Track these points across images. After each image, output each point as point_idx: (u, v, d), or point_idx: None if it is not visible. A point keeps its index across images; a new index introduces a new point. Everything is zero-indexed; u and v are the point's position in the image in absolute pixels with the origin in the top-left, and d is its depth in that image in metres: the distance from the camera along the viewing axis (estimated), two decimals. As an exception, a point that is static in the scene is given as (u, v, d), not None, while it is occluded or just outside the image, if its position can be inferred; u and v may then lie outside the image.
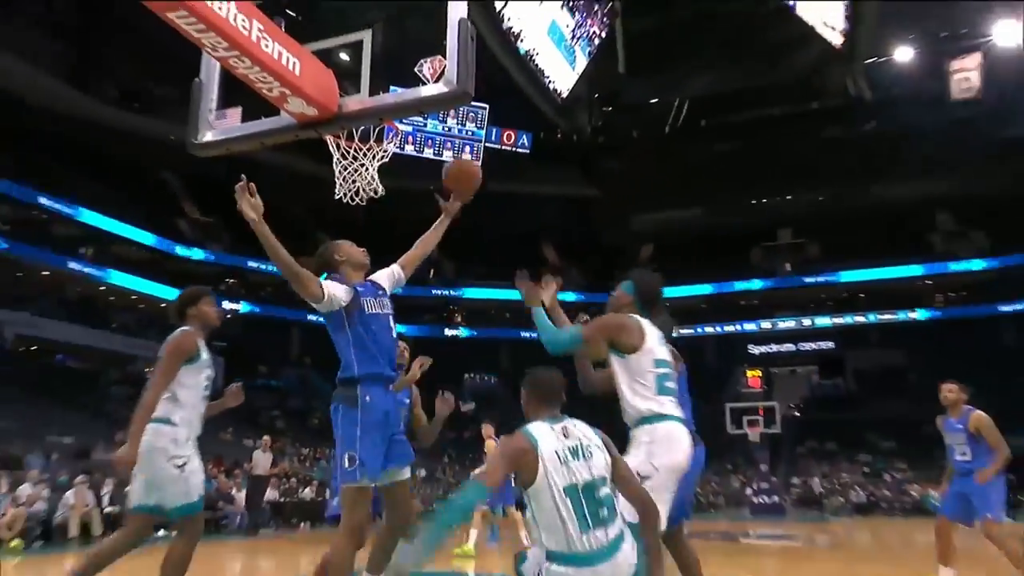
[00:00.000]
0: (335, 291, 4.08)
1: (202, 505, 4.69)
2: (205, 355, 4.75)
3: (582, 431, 3.29)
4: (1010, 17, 32.10)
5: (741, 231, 42.67)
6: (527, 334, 35.99)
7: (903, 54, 35.31)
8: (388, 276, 4.49)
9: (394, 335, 4.33)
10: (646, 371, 3.95)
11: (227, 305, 37.36)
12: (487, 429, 10.98)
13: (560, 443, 3.18)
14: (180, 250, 35.98)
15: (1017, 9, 31.65)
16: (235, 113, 4.64)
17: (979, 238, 39.40)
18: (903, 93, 36.11)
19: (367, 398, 4.03)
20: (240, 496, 18.57)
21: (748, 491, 30.81)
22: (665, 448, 3.85)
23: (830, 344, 42.07)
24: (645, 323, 3.98)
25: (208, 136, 4.63)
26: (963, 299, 39.93)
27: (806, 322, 42.38)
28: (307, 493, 22.20)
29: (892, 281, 40.52)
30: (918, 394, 31.25)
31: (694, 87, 36.95)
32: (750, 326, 43.29)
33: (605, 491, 3.16)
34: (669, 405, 3.97)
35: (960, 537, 6.82)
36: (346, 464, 3.94)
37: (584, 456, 3.18)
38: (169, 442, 4.44)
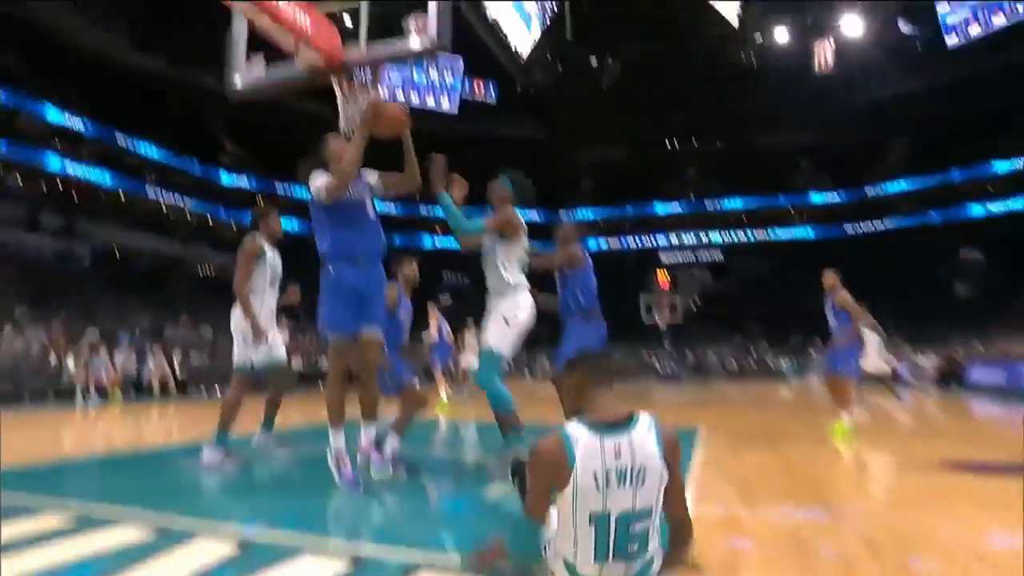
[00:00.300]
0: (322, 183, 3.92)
1: (285, 363, 5.13)
2: (270, 254, 4.98)
3: (642, 448, 1.96)
4: (853, 12, 32.56)
5: (658, 168, 42.72)
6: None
7: (781, 35, 35.09)
8: (372, 175, 4.17)
9: (369, 219, 4.04)
10: (518, 255, 4.12)
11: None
12: (432, 312, 10.51)
13: (604, 463, 1.92)
14: (223, 177, 34.84)
15: (857, 7, 32.28)
16: (259, 62, 4.35)
17: (829, 178, 39.76)
18: (780, 66, 35.89)
19: (331, 271, 3.92)
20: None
21: (655, 363, 31.77)
22: (524, 309, 4.07)
23: (720, 255, 42.76)
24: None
25: (241, 82, 4.34)
26: (814, 224, 40.48)
27: (703, 238, 42.92)
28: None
29: (766, 209, 40.82)
30: (782, 294, 32.14)
31: (625, 54, 36.28)
32: (662, 240, 43.83)
33: (643, 525, 1.96)
34: (525, 280, 4.17)
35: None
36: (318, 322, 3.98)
37: (633, 482, 1.93)
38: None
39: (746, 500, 3.65)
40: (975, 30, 29.70)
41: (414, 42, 3.58)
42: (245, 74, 4.17)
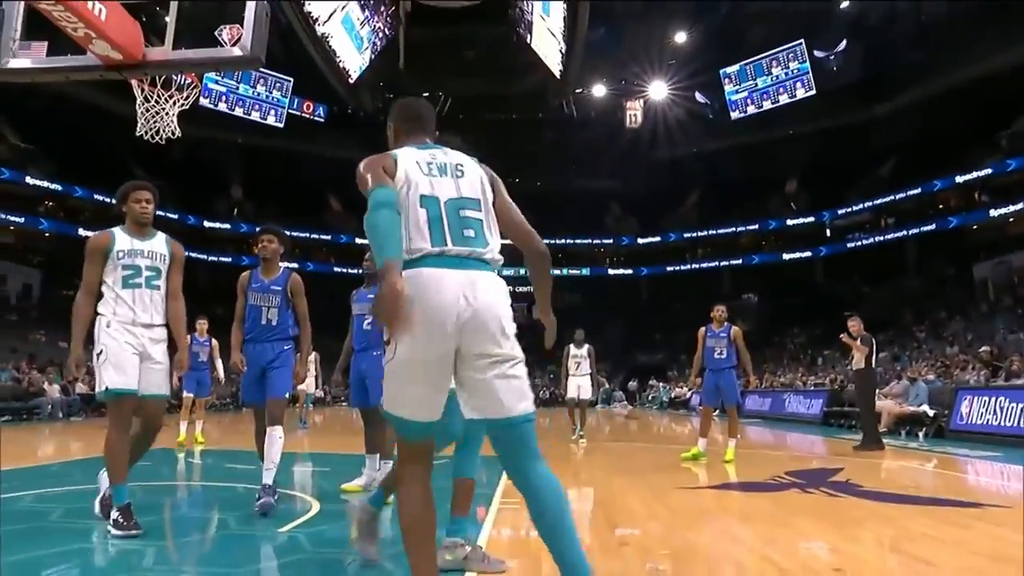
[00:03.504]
0: None
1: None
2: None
3: (458, 155, 2.23)
4: (661, 79, 36.60)
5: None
6: (313, 266, 34.57)
7: (598, 91, 38.40)
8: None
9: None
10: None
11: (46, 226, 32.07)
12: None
13: (424, 158, 2.13)
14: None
15: (662, 76, 36.46)
16: (40, 47, 3.89)
17: (633, 222, 43.54)
18: (596, 117, 39.24)
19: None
20: (52, 389, 16.37)
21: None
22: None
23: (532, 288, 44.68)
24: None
25: (12, 63, 3.84)
26: (619, 263, 43.94)
27: (523, 271, 44.48)
28: (98, 393, 19.80)
29: (577, 246, 43.52)
30: (587, 326, 34.26)
31: (454, 88, 37.25)
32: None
33: (475, 215, 2.10)
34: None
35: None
36: None
37: (453, 174, 2.13)
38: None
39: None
40: (751, 108, 35.81)
41: (226, 52, 3.37)
42: (16, 55, 3.64)
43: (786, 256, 39.02)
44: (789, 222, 38.70)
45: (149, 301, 3.64)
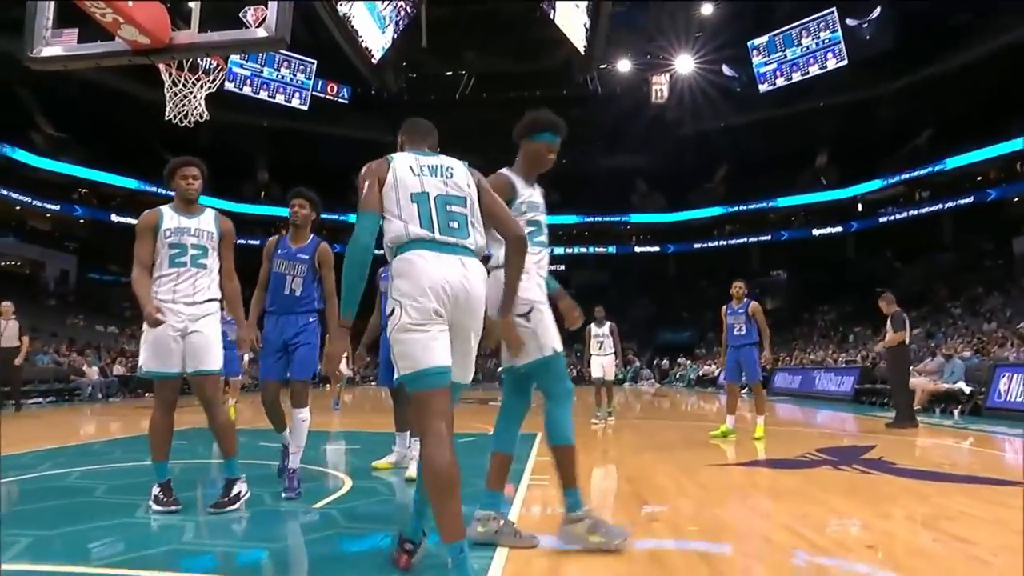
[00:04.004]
0: None
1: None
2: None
3: (448, 159, 2.54)
4: (687, 53, 35.66)
5: (506, 180, 43.57)
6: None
7: (623, 66, 37.72)
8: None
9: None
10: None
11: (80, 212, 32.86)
12: None
13: (417, 161, 2.46)
14: (34, 161, 30.43)
15: (689, 49, 35.53)
16: (71, 34, 3.95)
17: (659, 199, 42.96)
18: (622, 92, 38.60)
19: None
20: (91, 371, 16.90)
21: (499, 369, 32.25)
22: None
23: (561, 267, 44.50)
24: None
25: (45, 52, 3.92)
26: (646, 241, 43.50)
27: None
28: (139, 371, 20.34)
29: (603, 224, 43.12)
30: (614, 304, 34.15)
31: (478, 65, 36.98)
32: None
33: (460, 210, 2.41)
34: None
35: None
36: None
37: (443, 175, 2.45)
38: None
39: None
40: (780, 80, 34.84)
41: (251, 33, 3.38)
42: (49, 43, 3.70)
43: (816, 232, 38.22)
44: (819, 197, 37.82)
45: (195, 279, 3.59)
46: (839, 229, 37.52)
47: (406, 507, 3.36)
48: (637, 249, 43.13)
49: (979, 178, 31.25)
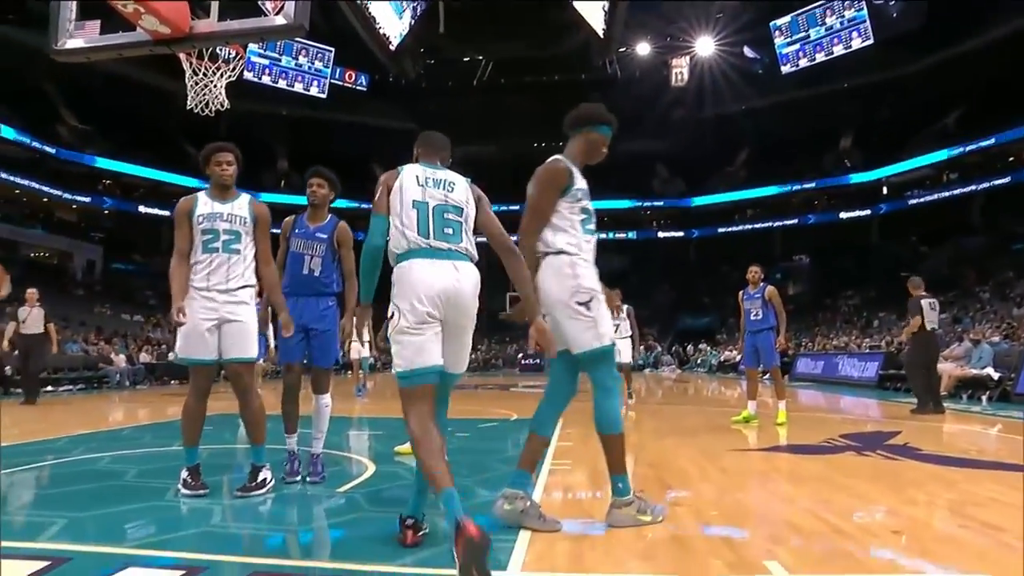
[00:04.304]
0: None
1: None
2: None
3: (453, 175, 2.82)
4: (708, 35, 35.02)
5: (525, 165, 43.16)
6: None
7: (642, 49, 37.23)
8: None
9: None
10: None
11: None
12: None
13: (424, 173, 2.76)
14: (60, 153, 30.92)
15: (712, 29, 34.75)
16: (94, 26, 4.01)
17: (680, 184, 42.51)
18: (641, 76, 38.14)
19: None
20: (118, 359, 17.24)
21: (519, 355, 32.42)
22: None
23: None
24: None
25: (69, 44, 4.00)
26: (667, 226, 43.13)
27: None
28: (172, 357, 20.71)
29: (623, 210, 42.83)
30: (635, 290, 34.02)
31: (495, 51, 36.76)
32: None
33: (455, 218, 2.70)
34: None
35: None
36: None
37: (444, 188, 2.74)
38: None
39: (595, 485, 3.83)
40: (803, 61, 34.24)
41: (269, 21, 3.39)
42: (72, 35, 3.75)
43: (840, 215, 37.62)
44: (843, 180, 37.17)
45: (228, 266, 3.58)
46: (864, 212, 36.90)
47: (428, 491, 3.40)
48: (659, 235, 42.82)
49: (1011, 158, 30.48)
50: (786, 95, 35.09)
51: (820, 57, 33.68)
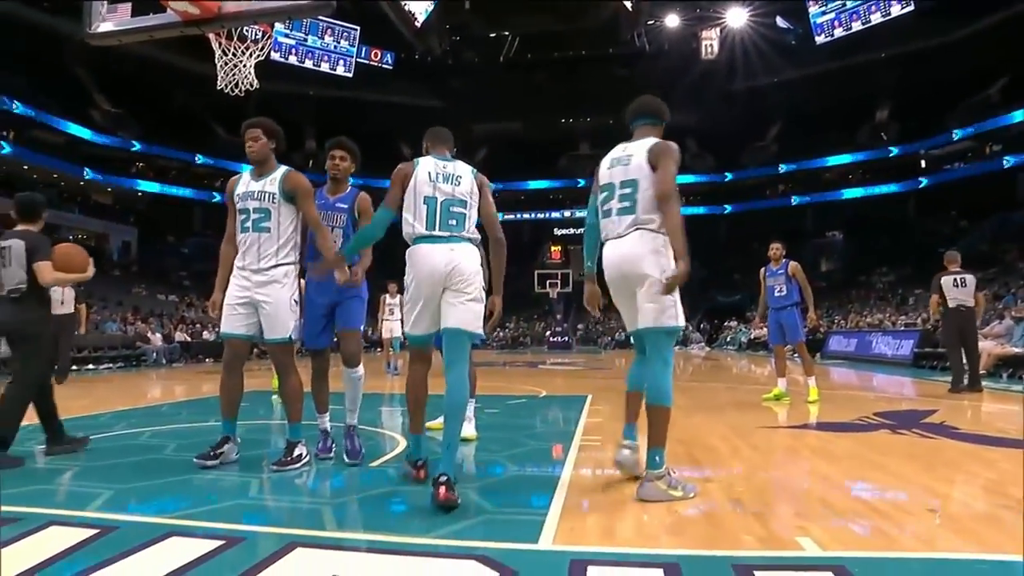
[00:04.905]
0: None
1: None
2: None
3: (461, 168, 3.28)
4: (739, 5, 34.11)
5: (552, 142, 42.99)
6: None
7: (671, 21, 36.42)
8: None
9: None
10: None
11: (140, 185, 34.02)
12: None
13: (436, 168, 3.21)
14: (94, 137, 31.45)
15: (741, 2, 34.16)
16: (125, 8, 4.07)
17: (710, 159, 41.78)
18: (670, 49, 37.35)
19: None
20: (155, 337, 17.72)
21: (547, 333, 32.44)
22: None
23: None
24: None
25: (101, 27, 4.06)
26: (696, 202, 42.50)
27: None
28: (206, 335, 21.17)
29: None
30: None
31: (521, 25, 36.33)
32: (556, 214, 44.39)
33: (459, 210, 3.18)
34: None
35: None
36: None
37: (453, 182, 3.20)
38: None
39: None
40: (839, 31, 33.19)
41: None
42: (104, 19, 3.81)
43: (875, 190, 36.68)
44: (879, 154, 36.16)
45: (259, 245, 3.61)
46: (900, 187, 35.92)
47: (458, 465, 3.46)
48: (688, 211, 42.30)
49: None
50: (820, 67, 34.11)
51: (856, 26, 32.65)
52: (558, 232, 44.22)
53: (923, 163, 35.21)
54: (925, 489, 3.20)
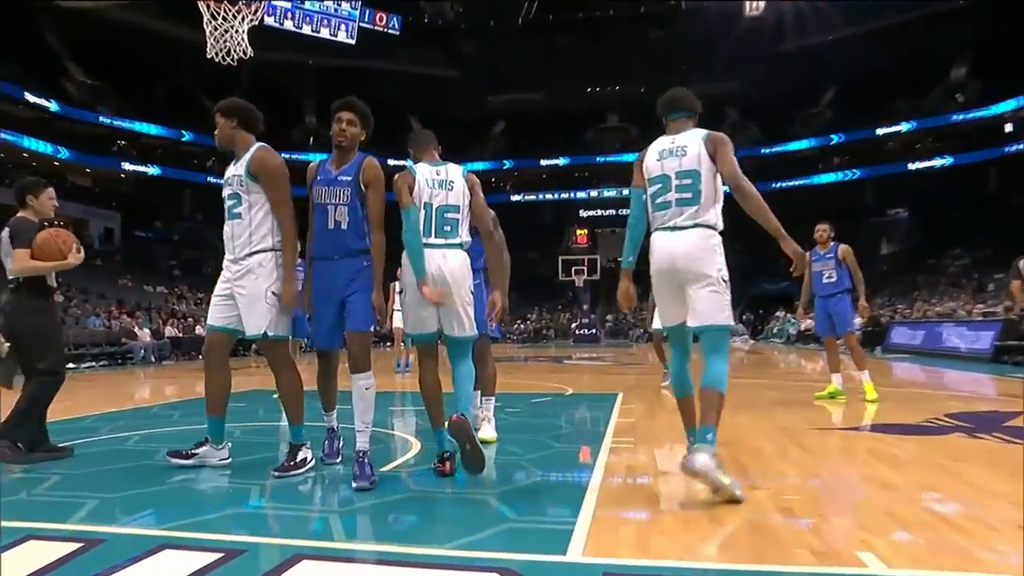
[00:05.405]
0: None
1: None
2: None
3: (452, 172, 3.74)
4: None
5: (577, 114, 42.60)
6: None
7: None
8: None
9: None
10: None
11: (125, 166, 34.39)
12: None
13: (430, 175, 3.68)
14: (67, 111, 31.68)
15: None
16: None
17: (754, 129, 41.26)
18: (709, 6, 36.80)
19: None
20: (142, 333, 17.99)
21: (573, 325, 32.36)
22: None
23: (640, 211, 43.62)
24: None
25: None
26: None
27: (625, 192, 43.33)
28: (199, 331, 21.45)
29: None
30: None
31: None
32: (581, 194, 44.02)
33: (454, 216, 3.67)
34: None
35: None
36: None
37: (446, 187, 3.67)
38: None
39: (659, 465, 3.84)
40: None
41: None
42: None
43: (949, 161, 35.87)
44: (953, 118, 35.25)
45: (232, 233, 3.76)
46: (979, 156, 34.92)
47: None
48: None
49: None
50: (883, 20, 33.39)
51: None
52: (584, 214, 43.94)
53: (1008, 127, 34.16)
54: (1009, 501, 3.14)
